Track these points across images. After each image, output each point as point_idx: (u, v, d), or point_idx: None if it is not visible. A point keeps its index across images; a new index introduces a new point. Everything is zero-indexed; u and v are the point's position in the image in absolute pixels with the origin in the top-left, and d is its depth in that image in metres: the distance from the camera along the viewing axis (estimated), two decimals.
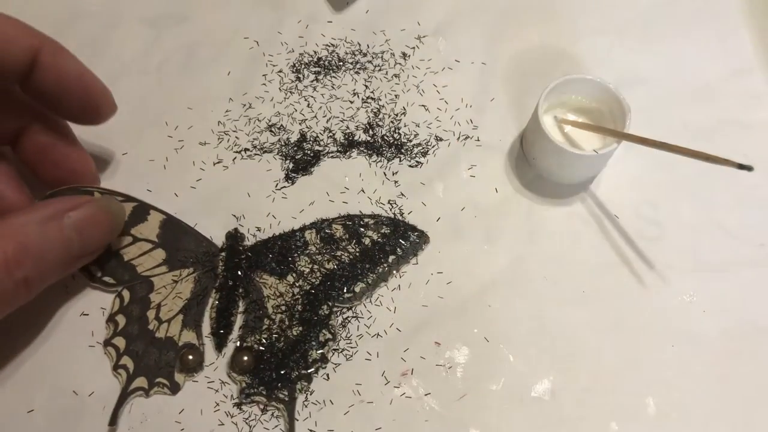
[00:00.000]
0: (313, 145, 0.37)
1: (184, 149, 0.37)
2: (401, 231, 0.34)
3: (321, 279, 0.33)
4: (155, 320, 0.32)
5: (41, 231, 0.28)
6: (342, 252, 0.33)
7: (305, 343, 0.31)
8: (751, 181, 0.34)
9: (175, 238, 0.33)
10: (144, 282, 0.32)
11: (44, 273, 0.28)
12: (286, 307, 0.32)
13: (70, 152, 0.33)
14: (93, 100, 0.32)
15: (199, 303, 0.32)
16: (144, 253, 0.33)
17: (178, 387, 0.30)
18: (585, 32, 0.41)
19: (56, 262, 0.29)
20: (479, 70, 0.40)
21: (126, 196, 0.34)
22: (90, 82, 0.31)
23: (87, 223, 0.30)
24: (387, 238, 0.34)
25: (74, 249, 0.29)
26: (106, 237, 0.31)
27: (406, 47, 0.41)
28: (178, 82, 0.39)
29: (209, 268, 0.33)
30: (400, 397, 0.31)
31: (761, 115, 0.39)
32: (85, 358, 0.31)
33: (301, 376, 0.31)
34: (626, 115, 0.33)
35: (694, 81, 0.40)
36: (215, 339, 0.31)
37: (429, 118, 0.38)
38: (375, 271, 0.33)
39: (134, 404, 0.30)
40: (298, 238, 0.34)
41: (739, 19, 0.42)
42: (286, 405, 0.30)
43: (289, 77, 0.39)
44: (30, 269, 0.27)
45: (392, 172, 0.36)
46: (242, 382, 0.30)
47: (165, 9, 0.42)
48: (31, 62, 0.29)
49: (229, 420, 0.30)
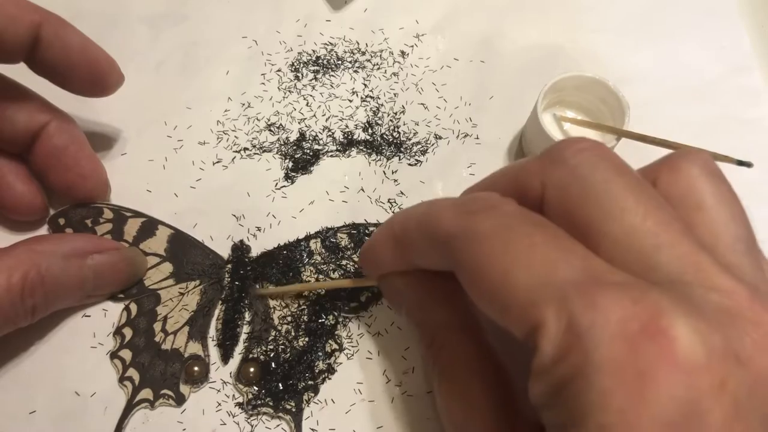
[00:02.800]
0: (312, 144, 0.37)
1: (184, 149, 0.37)
2: None
3: (327, 289, 0.33)
4: (161, 332, 0.32)
5: (62, 266, 0.29)
6: (347, 261, 0.33)
7: (311, 353, 0.31)
8: (751, 178, 0.34)
9: (182, 251, 0.34)
10: (151, 295, 0.32)
11: (51, 304, 0.29)
12: (292, 318, 0.32)
13: (82, 157, 0.33)
14: (99, 72, 0.32)
15: (205, 315, 0.32)
16: (152, 267, 0.33)
17: (183, 398, 0.30)
18: (584, 30, 0.41)
19: (65, 296, 0.30)
20: (478, 68, 0.40)
21: (134, 212, 0.34)
22: (94, 53, 0.31)
23: (107, 268, 0.31)
24: None
25: (87, 289, 0.30)
26: (120, 285, 0.32)
27: (404, 46, 0.41)
28: (177, 82, 0.39)
29: (215, 280, 0.33)
30: (402, 396, 0.31)
31: (760, 111, 0.39)
32: (86, 359, 0.31)
33: (308, 387, 0.31)
34: (625, 113, 0.33)
35: (693, 78, 0.40)
36: (221, 350, 0.31)
37: (428, 117, 0.38)
38: None
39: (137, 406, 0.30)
40: (303, 247, 0.34)
41: (737, 17, 0.42)
42: (293, 416, 0.30)
43: (287, 76, 0.39)
44: (40, 298, 0.28)
45: (392, 171, 0.37)
46: (249, 393, 0.30)
47: (164, 9, 0.41)
48: (34, 38, 0.29)
49: (231, 420, 0.30)
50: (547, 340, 0.16)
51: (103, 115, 0.38)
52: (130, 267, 0.32)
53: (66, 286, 0.29)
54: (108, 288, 0.32)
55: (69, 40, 0.30)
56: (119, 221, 0.34)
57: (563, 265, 0.17)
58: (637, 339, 0.15)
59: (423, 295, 0.25)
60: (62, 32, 0.30)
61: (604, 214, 0.19)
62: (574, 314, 0.16)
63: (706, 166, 0.21)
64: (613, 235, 0.19)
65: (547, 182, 0.21)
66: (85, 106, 0.37)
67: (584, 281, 0.17)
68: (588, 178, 0.20)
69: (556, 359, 0.16)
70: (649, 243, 0.18)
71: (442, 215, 0.21)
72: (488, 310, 0.19)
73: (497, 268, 0.18)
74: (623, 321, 0.15)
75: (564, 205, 0.20)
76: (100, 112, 0.37)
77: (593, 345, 0.15)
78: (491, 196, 0.21)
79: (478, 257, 0.19)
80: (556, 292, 0.17)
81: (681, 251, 0.18)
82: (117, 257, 0.31)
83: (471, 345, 0.23)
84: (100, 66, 0.32)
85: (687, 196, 0.21)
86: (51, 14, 0.29)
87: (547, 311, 0.16)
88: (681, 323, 0.15)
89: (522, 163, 0.23)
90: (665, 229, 0.18)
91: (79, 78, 0.31)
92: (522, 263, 0.18)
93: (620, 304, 0.16)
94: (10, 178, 0.32)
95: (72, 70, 0.31)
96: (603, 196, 0.19)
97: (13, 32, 0.28)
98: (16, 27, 0.28)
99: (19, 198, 0.32)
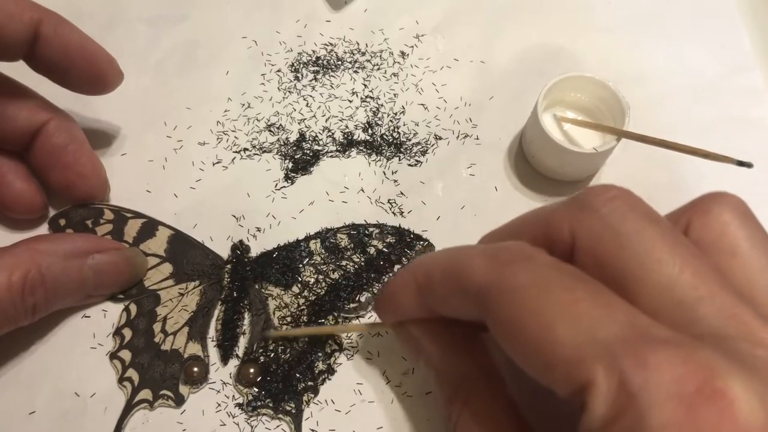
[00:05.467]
0: (312, 145, 0.37)
1: (183, 149, 0.37)
2: (406, 240, 0.34)
3: (326, 289, 0.33)
4: (161, 333, 0.32)
5: (63, 266, 0.29)
6: (347, 262, 0.33)
7: (311, 354, 0.31)
8: (751, 178, 0.34)
9: (182, 252, 0.33)
10: (151, 296, 0.32)
11: (52, 304, 0.29)
12: (292, 318, 0.32)
13: (81, 156, 0.33)
14: (98, 69, 0.32)
15: (205, 315, 0.32)
16: (151, 268, 0.33)
17: (182, 399, 0.30)
18: (584, 30, 0.41)
19: (66, 296, 0.30)
20: (478, 68, 0.40)
21: (135, 213, 0.34)
22: (94, 51, 0.31)
23: (108, 268, 0.31)
24: (392, 248, 0.33)
25: (87, 289, 0.30)
26: (121, 286, 0.32)
27: (404, 46, 0.41)
28: (177, 82, 0.39)
29: (215, 280, 0.33)
30: (402, 396, 0.31)
31: (760, 111, 0.39)
32: (86, 360, 0.31)
33: (308, 388, 0.30)
34: (625, 113, 0.33)
35: (693, 78, 0.40)
36: (221, 351, 0.31)
37: (428, 117, 0.38)
38: (380, 281, 0.32)
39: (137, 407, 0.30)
40: (302, 248, 0.34)
41: (738, 17, 0.42)
42: (293, 417, 0.30)
43: (287, 77, 0.39)
44: (40, 297, 0.28)
45: (392, 171, 0.36)
46: (249, 394, 0.30)
47: (164, 9, 0.41)
48: (34, 35, 0.29)
49: (231, 420, 0.30)
50: (599, 400, 0.16)
51: (102, 115, 0.38)
52: (131, 267, 0.32)
53: (66, 285, 0.29)
54: (108, 288, 0.32)
55: (68, 37, 0.30)
56: (120, 222, 0.34)
57: (608, 320, 0.17)
58: (695, 401, 0.15)
59: (444, 346, 0.25)
60: (61, 30, 0.30)
61: (641, 266, 0.19)
62: (625, 373, 0.15)
63: (738, 210, 0.21)
64: (650, 288, 0.18)
65: (578, 232, 0.20)
66: (84, 106, 0.37)
67: (631, 338, 0.16)
68: (621, 228, 0.19)
69: (609, 420, 0.16)
70: (689, 296, 0.18)
71: (472, 264, 0.21)
72: (527, 366, 0.18)
73: (538, 322, 0.18)
74: (678, 381, 0.15)
75: (597, 256, 0.20)
76: (99, 111, 0.38)
77: (648, 406, 0.15)
78: (524, 246, 0.21)
79: (516, 311, 0.18)
80: (604, 349, 0.16)
81: (721, 304, 0.17)
82: (118, 257, 0.31)
83: (497, 397, 0.23)
84: (99, 63, 0.32)
85: (721, 241, 0.20)
86: (50, 12, 0.29)
87: (596, 369, 0.16)
88: (738, 384, 0.15)
89: (549, 210, 0.22)
90: (703, 280, 0.18)
91: (78, 75, 0.31)
92: (565, 318, 0.17)
93: (672, 362, 0.15)
94: (10, 176, 0.32)
95: (71, 68, 0.31)
96: (638, 247, 0.19)
97: (12, 29, 0.28)
98: (16, 24, 0.28)
99: (19, 196, 0.32)
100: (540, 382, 0.18)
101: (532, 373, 0.18)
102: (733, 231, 0.20)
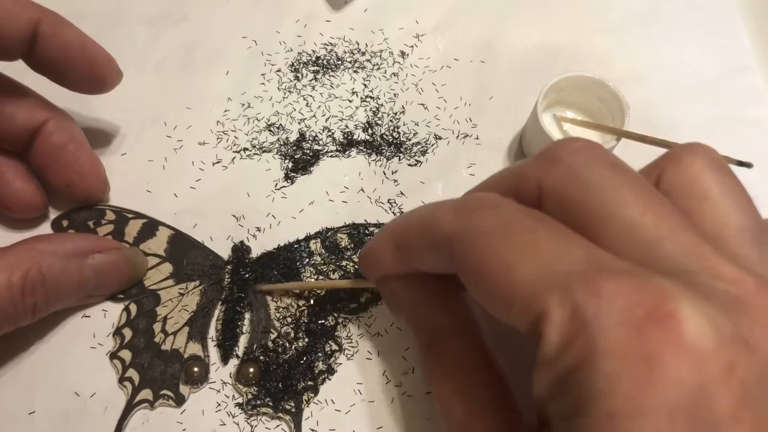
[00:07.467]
0: (312, 145, 0.37)
1: (183, 149, 0.37)
2: None
3: (326, 289, 0.33)
4: (161, 333, 0.32)
5: (63, 266, 0.29)
6: (347, 261, 0.33)
7: (311, 354, 0.31)
8: (751, 178, 0.34)
9: (182, 252, 0.34)
10: (151, 295, 0.32)
11: (52, 303, 0.29)
12: (292, 319, 0.32)
13: (81, 155, 0.33)
14: (97, 68, 0.32)
15: (205, 315, 0.32)
16: (151, 268, 0.33)
17: (183, 399, 0.30)
18: (584, 30, 0.41)
19: (66, 296, 0.30)
20: (478, 68, 0.40)
21: (136, 213, 0.34)
22: (92, 50, 0.31)
23: (108, 268, 0.31)
24: None
25: (87, 289, 0.30)
26: (121, 285, 0.32)
27: (404, 46, 0.41)
28: (177, 82, 0.39)
29: (215, 280, 0.33)
30: (402, 396, 0.31)
31: (760, 111, 0.39)
32: (86, 360, 0.31)
33: (308, 387, 0.31)
34: (625, 113, 0.33)
35: (693, 78, 0.40)
36: (221, 351, 0.31)
37: (428, 117, 0.38)
38: None
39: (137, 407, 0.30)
40: (303, 248, 0.34)
41: (738, 17, 0.42)
42: (292, 416, 0.30)
43: (287, 76, 0.39)
44: (40, 297, 0.28)
45: (392, 171, 0.36)
46: (248, 393, 0.30)
47: (163, 9, 0.41)
48: (32, 34, 0.29)
49: (231, 420, 0.30)
50: (552, 329, 0.16)
51: (102, 115, 0.38)
52: (131, 267, 0.32)
53: (67, 285, 0.29)
54: (109, 288, 0.32)
55: (67, 36, 0.30)
56: (121, 222, 0.34)
57: (566, 255, 0.17)
58: (644, 324, 0.15)
59: (421, 298, 0.25)
60: (60, 29, 0.30)
61: (603, 209, 0.19)
62: (578, 302, 0.16)
63: (710, 158, 0.21)
64: (613, 229, 0.18)
65: (544, 183, 0.21)
66: (84, 106, 0.37)
67: (588, 270, 0.16)
68: (584, 175, 0.20)
69: (562, 348, 0.16)
70: (651, 235, 0.18)
71: (442, 217, 0.21)
72: (492, 307, 0.19)
73: (499, 262, 0.18)
74: (629, 306, 0.15)
75: (562, 204, 0.20)
76: (99, 111, 0.37)
77: (599, 331, 0.15)
78: (491, 196, 0.21)
79: (480, 253, 0.19)
80: (559, 281, 0.16)
81: (683, 242, 0.18)
82: (118, 257, 0.31)
83: (470, 347, 0.23)
84: (98, 62, 0.32)
85: (692, 187, 0.20)
86: (49, 11, 0.29)
87: (550, 300, 0.16)
88: (688, 307, 0.15)
89: (519, 165, 0.23)
90: (666, 221, 0.18)
91: (78, 74, 0.31)
92: (524, 256, 0.18)
93: (625, 290, 0.15)
94: (9, 175, 0.32)
95: (70, 67, 0.31)
96: (600, 192, 0.19)
97: (11, 29, 0.28)
98: (14, 23, 0.28)
99: (18, 196, 0.32)
100: (504, 322, 0.18)
101: (496, 314, 0.18)
102: (704, 177, 0.20)
